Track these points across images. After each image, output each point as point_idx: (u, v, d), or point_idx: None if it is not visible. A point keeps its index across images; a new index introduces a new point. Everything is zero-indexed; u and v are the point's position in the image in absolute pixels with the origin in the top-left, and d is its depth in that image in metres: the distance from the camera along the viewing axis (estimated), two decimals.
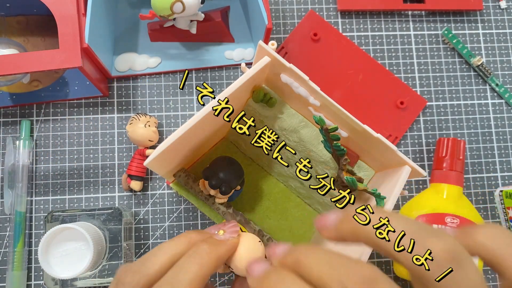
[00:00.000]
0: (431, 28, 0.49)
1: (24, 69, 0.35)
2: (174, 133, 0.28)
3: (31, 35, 0.45)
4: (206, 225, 0.44)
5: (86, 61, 0.37)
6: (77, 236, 0.34)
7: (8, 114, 0.44)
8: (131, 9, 0.47)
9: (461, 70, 0.49)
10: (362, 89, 0.47)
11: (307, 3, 0.49)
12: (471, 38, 0.50)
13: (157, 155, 0.28)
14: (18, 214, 0.41)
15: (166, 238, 0.43)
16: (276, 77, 0.33)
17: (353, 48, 0.47)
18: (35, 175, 0.43)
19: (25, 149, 0.42)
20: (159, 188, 0.44)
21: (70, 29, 0.36)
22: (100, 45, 0.40)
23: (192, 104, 0.46)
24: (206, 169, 0.34)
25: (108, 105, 0.45)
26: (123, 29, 0.47)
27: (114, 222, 0.38)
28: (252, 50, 0.47)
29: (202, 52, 0.47)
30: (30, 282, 0.41)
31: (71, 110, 0.45)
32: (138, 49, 0.46)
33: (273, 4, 0.49)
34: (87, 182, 0.43)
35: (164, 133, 0.45)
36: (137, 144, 0.43)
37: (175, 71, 0.46)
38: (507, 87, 0.49)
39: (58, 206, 0.43)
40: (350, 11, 0.49)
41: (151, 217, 0.43)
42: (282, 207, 0.42)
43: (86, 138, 0.44)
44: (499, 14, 0.50)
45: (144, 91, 0.46)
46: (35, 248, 0.42)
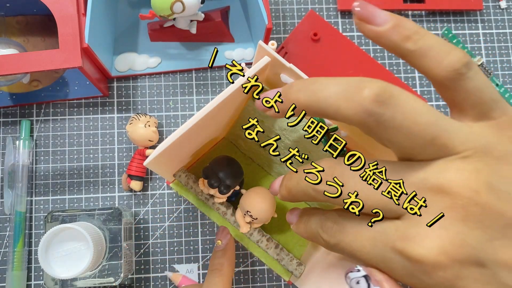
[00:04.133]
0: (431, 28, 0.49)
1: (24, 69, 0.35)
2: (174, 133, 0.28)
3: (31, 35, 0.45)
4: (206, 225, 0.44)
5: (86, 61, 0.37)
6: (77, 236, 0.34)
7: (8, 114, 0.44)
8: (131, 9, 0.47)
9: None
10: None
11: (307, 3, 0.49)
12: (471, 38, 0.50)
13: (156, 155, 0.28)
14: (18, 214, 0.41)
15: (166, 238, 0.43)
16: (276, 77, 0.33)
17: (353, 48, 0.47)
18: (35, 175, 0.43)
19: (25, 149, 0.42)
20: (159, 188, 0.44)
21: (70, 29, 0.36)
22: (100, 45, 0.40)
23: (192, 104, 0.46)
24: (205, 168, 0.34)
25: (108, 105, 0.45)
26: (123, 29, 0.47)
27: (114, 222, 0.38)
28: (252, 50, 0.47)
29: (202, 52, 0.47)
30: (30, 282, 0.41)
31: (71, 110, 0.45)
32: (138, 49, 0.46)
33: (273, 4, 0.49)
34: (87, 182, 0.43)
35: (164, 133, 0.45)
36: (137, 144, 0.43)
37: (175, 71, 0.46)
38: (508, 87, 0.49)
39: (58, 206, 0.43)
40: (350, 11, 0.49)
41: (151, 217, 0.43)
42: (282, 207, 0.42)
43: (86, 138, 0.44)
44: (499, 14, 0.50)
45: (144, 91, 0.46)
46: (35, 248, 0.42)
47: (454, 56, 0.19)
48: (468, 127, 0.20)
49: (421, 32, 0.20)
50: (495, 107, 0.20)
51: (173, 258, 0.43)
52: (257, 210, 0.31)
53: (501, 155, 0.19)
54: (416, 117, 0.18)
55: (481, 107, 0.20)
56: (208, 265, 0.43)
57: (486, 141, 0.19)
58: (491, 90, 0.20)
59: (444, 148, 0.19)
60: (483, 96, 0.20)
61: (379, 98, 0.18)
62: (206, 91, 0.46)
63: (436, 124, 0.19)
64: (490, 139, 0.19)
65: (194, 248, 0.43)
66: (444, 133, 0.19)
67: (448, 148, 0.19)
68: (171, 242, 0.43)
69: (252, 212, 0.31)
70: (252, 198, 0.32)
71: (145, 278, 0.42)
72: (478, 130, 0.19)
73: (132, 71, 0.45)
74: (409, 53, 0.20)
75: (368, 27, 0.21)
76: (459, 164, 0.19)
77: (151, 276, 0.42)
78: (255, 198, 0.32)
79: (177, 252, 0.43)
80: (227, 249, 0.33)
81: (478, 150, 0.19)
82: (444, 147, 0.19)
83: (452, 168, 0.19)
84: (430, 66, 0.20)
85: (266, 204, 0.32)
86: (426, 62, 0.20)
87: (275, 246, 0.34)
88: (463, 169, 0.18)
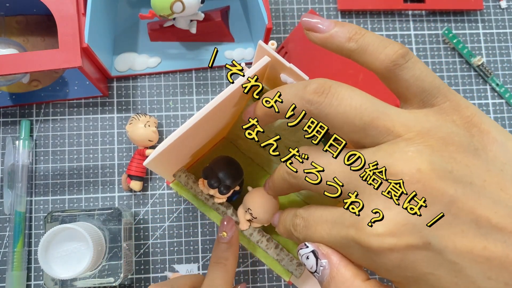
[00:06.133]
0: (431, 28, 0.49)
1: (24, 69, 0.35)
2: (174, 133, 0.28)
3: (30, 35, 0.45)
4: (206, 225, 0.43)
5: (86, 61, 0.37)
6: (77, 236, 0.34)
7: (8, 114, 0.44)
8: (131, 9, 0.47)
9: (462, 70, 0.49)
10: (362, 89, 0.46)
11: (307, 2, 0.49)
12: (471, 38, 0.50)
13: (156, 155, 0.28)
14: (18, 214, 0.41)
15: (166, 238, 0.43)
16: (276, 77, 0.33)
17: None
18: (34, 175, 0.43)
19: (24, 149, 0.42)
20: (159, 188, 0.44)
21: (70, 29, 0.36)
22: (100, 45, 0.40)
23: (192, 104, 0.46)
24: (205, 169, 0.34)
25: (108, 105, 0.45)
26: (123, 29, 0.46)
27: (114, 222, 0.38)
28: (252, 50, 0.47)
29: (202, 52, 0.47)
30: (30, 282, 0.41)
31: (71, 110, 0.45)
32: (138, 49, 0.46)
33: (273, 4, 0.49)
34: (87, 182, 0.43)
35: (164, 133, 0.45)
36: (137, 144, 0.43)
37: (175, 71, 0.46)
38: (508, 87, 0.49)
39: (58, 206, 0.43)
40: (350, 11, 0.49)
41: (151, 217, 0.43)
42: (282, 207, 0.42)
43: (86, 138, 0.44)
44: (500, 14, 0.50)
45: (144, 91, 0.46)
46: (34, 248, 0.42)
47: (391, 49, 0.21)
48: (411, 112, 0.21)
49: (361, 32, 0.22)
50: (437, 93, 0.21)
51: (173, 258, 0.43)
52: (258, 209, 0.31)
53: (444, 136, 0.19)
54: (351, 101, 0.20)
55: (423, 94, 0.21)
56: (207, 265, 0.43)
57: (429, 125, 0.20)
58: (431, 79, 0.21)
59: (386, 131, 0.20)
60: (423, 84, 0.21)
61: (319, 89, 0.21)
62: (206, 91, 0.46)
63: (373, 107, 0.20)
64: (434, 123, 0.20)
65: (194, 248, 0.43)
66: (383, 116, 0.20)
67: (390, 130, 0.20)
68: (171, 242, 0.43)
69: (252, 211, 0.31)
70: (256, 197, 0.32)
71: (145, 278, 0.42)
72: (421, 115, 0.20)
73: (132, 71, 0.45)
74: (352, 52, 0.22)
75: (315, 35, 0.23)
76: (403, 146, 0.19)
77: (151, 276, 0.42)
78: (259, 198, 0.32)
79: (177, 252, 0.43)
80: (233, 242, 0.32)
81: (421, 132, 0.19)
82: (386, 129, 0.20)
83: (396, 150, 0.19)
84: (370, 60, 0.22)
85: (267, 205, 0.32)
86: (367, 57, 0.22)
87: (275, 246, 0.34)
88: (407, 150, 0.19)
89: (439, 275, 0.18)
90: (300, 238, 0.23)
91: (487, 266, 0.17)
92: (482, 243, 0.18)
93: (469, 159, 0.19)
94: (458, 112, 0.20)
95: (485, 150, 0.19)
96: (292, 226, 0.24)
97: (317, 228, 0.22)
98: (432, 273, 0.18)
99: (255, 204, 0.32)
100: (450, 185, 0.18)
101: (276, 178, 0.26)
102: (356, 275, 0.20)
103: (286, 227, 0.25)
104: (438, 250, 0.18)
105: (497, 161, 0.19)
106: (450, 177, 0.18)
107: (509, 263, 0.17)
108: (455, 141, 0.19)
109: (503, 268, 0.17)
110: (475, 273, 0.18)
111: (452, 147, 0.19)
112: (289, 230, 0.24)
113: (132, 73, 0.45)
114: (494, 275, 0.17)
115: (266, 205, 0.32)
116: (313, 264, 0.21)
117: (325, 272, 0.21)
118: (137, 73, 0.45)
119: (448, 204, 0.18)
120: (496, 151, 0.19)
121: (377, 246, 0.19)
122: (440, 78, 0.48)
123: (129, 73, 0.45)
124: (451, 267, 0.18)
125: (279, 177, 0.25)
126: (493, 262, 0.17)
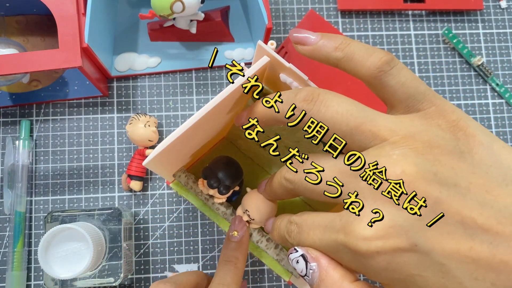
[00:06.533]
0: (431, 27, 0.49)
1: (24, 69, 0.35)
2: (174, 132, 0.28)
3: (30, 35, 0.45)
4: (206, 225, 0.44)
5: (86, 61, 0.37)
6: (77, 236, 0.34)
7: (8, 114, 0.44)
8: (131, 9, 0.47)
9: (462, 70, 0.49)
10: (362, 89, 0.46)
11: (307, 2, 0.49)
12: (471, 38, 0.49)
13: (156, 155, 0.27)
14: (18, 214, 0.41)
15: (166, 238, 0.43)
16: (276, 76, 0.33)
17: None
18: (34, 175, 0.43)
19: (24, 149, 0.42)
20: (159, 188, 0.44)
21: (70, 29, 0.36)
22: (100, 45, 0.40)
23: (192, 104, 0.46)
24: (205, 169, 0.34)
25: (108, 105, 0.45)
26: (123, 29, 0.46)
27: (114, 222, 0.38)
28: (252, 50, 0.47)
29: (202, 52, 0.47)
30: (30, 282, 0.41)
31: (71, 110, 0.45)
32: (138, 49, 0.46)
33: (273, 4, 0.49)
34: (87, 182, 0.43)
35: (164, 133, 0.45)
36: (137, 144, 0.43)
37: (175, 71, 0.46)
38: (508, 87, 0.49)
39: (58, 206, 0.43)
40: (350, 11, 0.49)
41: (151, 217, 0.43)
42: (282, 207, 0.42)
43: (86, 138, 0.44)
44: (500, 14, 0.50)
45: (144, 91, 0.46)
46: (34, 248, 0.42)
47: (376, 56, 0.22)
48: (397, 117, 0.21)
49: (347, 41, 0.23)
50: (423, 99, 0.21)
51: (173, 258, 0.43)
52: (256, 211, 0.31)
53: (429, 139, 0.19)
54: (337, 108, 0.21)
55: (408, 100, 0.21)
56: (207, 265, 0.43)
57: (415, 129, 0.20)
58: (416, 84, 0.21)
59: (372, 135, 0.20)
60: (408, 90, 0.21)
61: (308, 97, 0.22)
62: (206, 91, 0.46)
63: (359, 113, 0.21)
64: (419, 127, 0.20)
65: (194, 248, 0.43)
66: (369, 120, 0.20)
67: (376, 135, 0.20)
68: (171, 242, 0.43)
69: (250, 212, 0.31)
70: (254, 198, 0.32)
71: (145, 278, 0.42)
72: (407, 120, 0.21)
73: (132, 71, 0.45)
74: (338, 61, 0.23)
75: (304, 47, 0.25)
76: (388, 150, 0.20)
77: (151, 276, 0.42)
78: (257, 199, 0.32)
79: (177, 252, 0.43)
80: (243, 242, 0.32)
81: (407, 136, 0.20)
82: (372, 134, 0.20)
83: (382, 154, 0.20)
84: (357, 68, 0.22)
85: (265, 208, 0.32)
86: (353, 65, 0.22)
87: (275, 246, 0.34)
88: (392, 154, 0.19)
89: (426, 276, 0.18)
90: (294, 244, 0.24)
91: (474, 267, 0.18)
92: (468, 244, 0.18)
93: (454, 162, 0.19)
94: (444, 116, 0.20)
95: (471, 153, 0.19)
96: (287, 232, 0.24)
97: (310, 233, 0.22)
98: (420, 274, 0.18)
99: (253, 206, 0.32)
100: (435, 187, 0.18)
101: (274, 184, 0.26)
102: (345, 277, 0.21)
103: (281, 234, 0.25)
104: (425, 252, 0.18)
105: (483, 164, 0.19)
106: (435, 179, 0.18)
107: (495, 264, 0.17)
108: (440, 144, 0.19)
109: (489, 269, 0.17)
110: (462, 274, 0.18)
111: (437, 150, 0.19)
112: (284, 236, 0.25)
113: (132, 73, 0.45)
114: (481, 275, 0.18)
115: (263, 207, 0.32)
116: (303, 267, 0.22)
117: (314, 275, 0.21)
118: (137, 73, 0.45)
119: (434, 206, 0.18)
120: (482, 154, 0.19)
121: (365, 250, 0.19)
122: (440, 79, 0.48)
123: (129, 73, 0.45)
124: (438, 268, 0.18)
125: (276, 183, 0.25)
126: (479, 263, 0.17)
